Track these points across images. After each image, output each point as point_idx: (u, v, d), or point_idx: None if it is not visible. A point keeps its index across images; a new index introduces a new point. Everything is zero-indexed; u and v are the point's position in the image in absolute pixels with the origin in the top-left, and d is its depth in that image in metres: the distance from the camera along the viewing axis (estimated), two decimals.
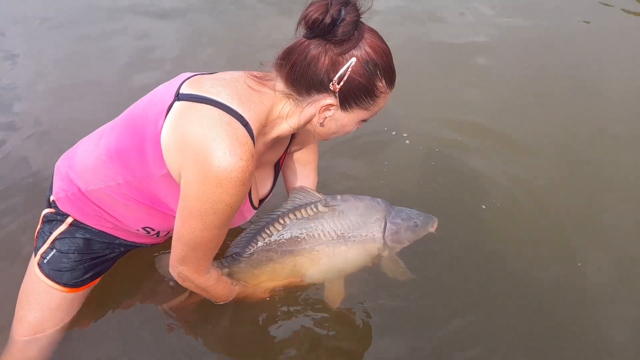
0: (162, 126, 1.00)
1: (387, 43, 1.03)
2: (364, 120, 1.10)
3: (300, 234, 1.27)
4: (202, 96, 1.00)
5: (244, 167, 0.95)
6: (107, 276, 1.33)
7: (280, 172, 1.35)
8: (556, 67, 2.55)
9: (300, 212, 1.28)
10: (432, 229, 1.35)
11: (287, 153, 1.34)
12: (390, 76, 1.04)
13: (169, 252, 1.11)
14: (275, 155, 1.27)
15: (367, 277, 1.42)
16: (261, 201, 1.30)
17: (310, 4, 0.95)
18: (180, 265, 1.10)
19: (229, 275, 1.28)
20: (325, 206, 1.29)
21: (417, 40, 2.77)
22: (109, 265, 1.32)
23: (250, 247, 1.29)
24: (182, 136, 0.97)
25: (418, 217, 1.34)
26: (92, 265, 1.26)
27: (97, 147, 1.14)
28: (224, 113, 0.97)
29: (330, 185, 1.72)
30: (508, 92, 2.37)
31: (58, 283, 1.20)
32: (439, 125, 2.14)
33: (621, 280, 1.52)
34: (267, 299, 1.33)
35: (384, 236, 1.30)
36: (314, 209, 1.29)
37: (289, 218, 1.28)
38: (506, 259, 1.56)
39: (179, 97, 1.01)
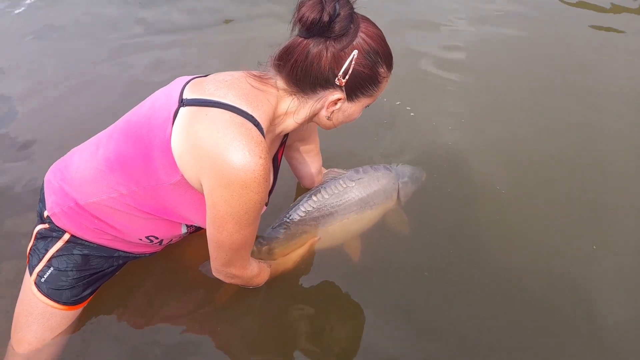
0: (170, 133, 0.98)
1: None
2: (367, 106, 1.12)
3: (333, 207, 1.43)
4: (209, 100, 0.98)
5: (264, 164, 0.95)
6: (104, 287, 1.30)
7: (280, 166, 1.36)
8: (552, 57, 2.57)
9: (331, 188, 1.45)
10: (423, 179, 1.67)
11: (284, 146, 1.34)
12: (389, 60, 1.06)
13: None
14: (273, 149, 1.27)
15: (362, 275, 1.46)
16: (268, 194, 1.30)
17: (302, 4, 0.94)
18: (227, 268, 1.13)
19: (269, 251, 1.39)
20: (352, 180, 1.47)
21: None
22: (107, 279, 1.29)
23: (287, 223, 1.42)
24: (196, 142, 0.95)
25: (415, 171, 1.64)
26: (91, 281, 1.22)
27: (94, 158, 1.10)
28: (235, 115, 0.96)
29: (338, 157, 1.77)
30: (508, 80, 2.39)
31: (57, 302, 1.17)
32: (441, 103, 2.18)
33: (623, 274, 1.49)
34: (295, 268, 1.42)
35: (398, 195, 1.55)
36: (343, 184, 1.46)
37: (322, 195, 1.44)
38: (501, 248, 1.56)
39: (183, 102, 1.00)
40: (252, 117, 0.98)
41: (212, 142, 0.93)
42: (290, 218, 1.42)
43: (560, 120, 2.10)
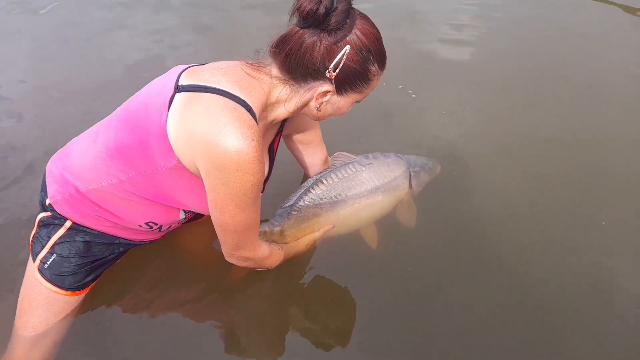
0: (166, 118, 1.00)
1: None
2: (357, 101, 1.14)
3: (343, 191, 1.45)
4: (204, 86, 1.01)
5: (256, 146, 0.98)
6: (107, 275, 1.32)
7: (276, 156, 1.37)
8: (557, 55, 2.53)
9: (341, 172, 1.47)
10: (437, 171, 1.67)
11: (281, 136, 1.36)
12: (382, 60, 1.08)
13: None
14: (268, 138, 1.29)
15: (369, 275, 1.46)
16: (264, 183, 1.32)
17: None
18: (238, 251, 1.16)
19: (280, 232, 1.41)
20: (362, 165, 1.49)
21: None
22: (109, 266, 1.31)
23: (297, 205, 1.43)
24: (190, 126, 0.98)
25: (429, 162, 1.65)
26: (93, 268, 1.24)
27: (94, 146, 1.13)
28: (228, 100, 0.99)
29: (338, 142, 1.78)
30: (511, 79, 2.35)
31: (60, 288, 1.19)
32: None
33: (628, 279, 1.46)
34: (306, 252, 1.44)
35: (410, 182, 1.55)
36: (353, 168, 1.48)
37: (332, 178, 1.45)
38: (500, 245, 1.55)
39: (179, 88, 1.02)
40: (245, 102, 1.00)
41: (206, 126, 0.96)
42: (300, 200, 1.42)
43: (570, 108, 2.08)
